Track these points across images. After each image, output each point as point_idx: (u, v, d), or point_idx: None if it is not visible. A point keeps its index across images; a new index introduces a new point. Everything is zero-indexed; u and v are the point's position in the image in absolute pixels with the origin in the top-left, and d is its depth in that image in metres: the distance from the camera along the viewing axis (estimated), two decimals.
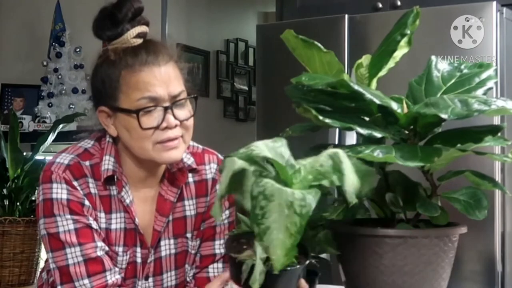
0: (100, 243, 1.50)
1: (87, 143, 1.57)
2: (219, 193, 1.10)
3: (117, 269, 1.53)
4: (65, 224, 1.48)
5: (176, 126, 1.48)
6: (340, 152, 1.10)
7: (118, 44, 1.50)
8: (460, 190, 1.31)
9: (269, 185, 1.04)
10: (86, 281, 1.48)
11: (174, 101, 1.48)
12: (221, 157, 1.70)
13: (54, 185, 1.49)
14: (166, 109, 1.47)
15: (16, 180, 3.50)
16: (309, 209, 1.02)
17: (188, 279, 1.66)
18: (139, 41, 1.50)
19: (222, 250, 1.66)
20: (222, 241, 1.66)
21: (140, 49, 1.49)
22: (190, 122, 1.52)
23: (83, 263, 1.48)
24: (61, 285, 1.49)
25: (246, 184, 1.09)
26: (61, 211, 1.48)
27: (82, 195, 1.50)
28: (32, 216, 3.50)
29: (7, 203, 3.51)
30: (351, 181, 1.07)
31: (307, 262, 1.20)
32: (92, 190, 1.52)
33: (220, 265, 1.66)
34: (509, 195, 2.20)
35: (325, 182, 1.07)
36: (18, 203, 3.51)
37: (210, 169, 1.66)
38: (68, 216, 1.48)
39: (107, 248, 1.52)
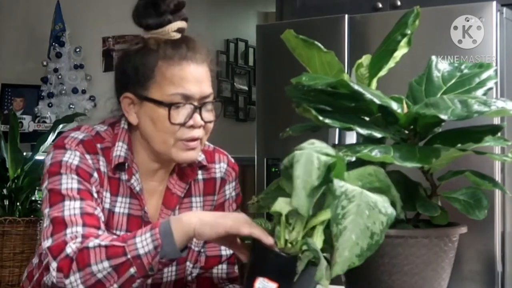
0: (98, 209, 1.48)
1: (100, 127, 1.56)
2: (309, 185, 1.07)
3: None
4: (69, 182, 1.46)
5: (200, 126, 1.48)
6: (382, 171, 1.14)
7: (157, 35, 1.49)
8: (460, 190, 1.31)
9: (348, 185, 1.07)
10: (79, 228, 1.41)
11: (204, 102, 1.49)
12: (231, 158, 1.70)
13: (68, 152, 1.48)
14: (195, 108, 1.47)
15: (16, 180, 3.50)
16: (392, 211, 1.07)
17: (189, 279, 1.65)
18: (178, 35, 1.50)
19: (228, 252, 1.64)
20: None
21: (180, 43, 1.48)
22: (211, 125, 1.53)
23: (80, 215, 1.42)
24: (51, 236, 1.41)
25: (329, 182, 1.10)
26: (68, 171, 1.46)
27: (93, 167, 1.49)
28: (32, 216, 3.50)
29: (7, 203, 3.51)
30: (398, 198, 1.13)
31: None
32: (102, 168, 1.51)
33: (224, 266, 1.65)
34: (509, 195, 2.20)
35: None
36: (18, 203, 3.51)
37: (220, 168, 1.66)
38: (74, 176, 1.46)
39: (103, 218, 1.49)
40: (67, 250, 1.37)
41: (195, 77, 1.47)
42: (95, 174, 1.49)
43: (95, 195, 1.49)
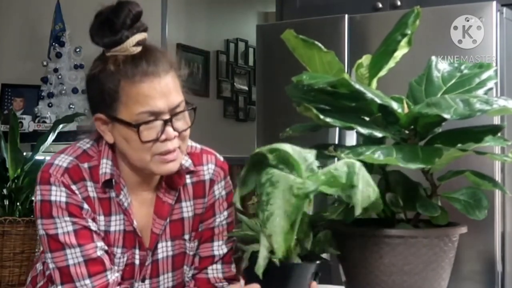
0: (100, 243, 1.50)
1: (86, 144, 1.56)
2: (239, 178, 1.13)
3: (116, 267, 1.53)
4: (64, 226, 1.47)
5: (174, 137, 1.46)
6: (358, 164, 1.11)
7: (116, 52, 1.45)
8: (460, 190, 1.31)
9: (277, 172, 1.08)
10: (87, 281, 1.47)
11: (174, 113, 1.46)
12: (219, 156, 1.69)
13: (53, 188, 1.48)
14: (165, 122, 1.45)
15: (16, 180, 3.49)
16: (306, 191, 1.05)
17: (186, 279, 1.65)
18: (139, 49, 1.46)
19: (221, 252, 1.65)
20: (221, 242, 1.65)
21: (140, 59, 1.44)
22: (187, 132, 1.50)
23: (84, 263, 1.47)
24: (62, 284, 1.48)
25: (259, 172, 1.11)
26: (60, 213, 1.47)
27: (81, 198, 1.49)
28: (32, 216, 3.49)
29: (7, 203, 3.51)
30: (362, 195, 1.09)
31: (317, 263, 1.21)
32: (91, 194, 1.51)
33: (219, 266, 1.65)
34: (509, 195, 2.20)
35: (335, 190, 1.09)
36: (18, 203, 3.50)
37: (208, 170, 1.65)
38: (67, 218, 1.47)
39: (106, 247, 1.52)
40: None
41: (160, 91, 1.43)
42: (85, 206, 1.49)
43: (92, 225, 1.50)
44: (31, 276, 1.70)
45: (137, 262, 1.56)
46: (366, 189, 1.09)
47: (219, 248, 1.64)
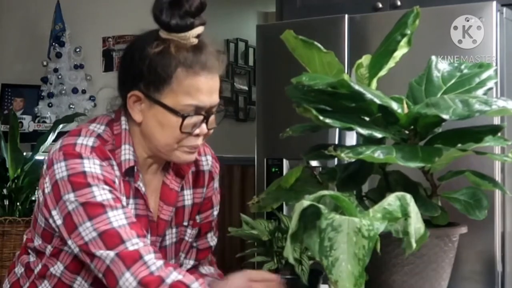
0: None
1: (98, 128, 1.52)
2: (290, 232, 1.11)
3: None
4: (103, 193, 1.42)
5: (204, 134, 1.50)
6: (408, 196, 1.12)
7: (176, 38, 1.45)
8: (460, 190, 1.31)
9: (337, 216, 1.06)
10: (137, 240, 1.40)
11: (211, 112, 1.49)
12: (212, 151, 1.73)
13: (85, 160, 1.43)
14: (204, 118, 1.47)
15: (16, 180, 3.50)
16: (377, 232, 1.04)
17: (185, 268, 1.66)
18: (196, 41, 1.47)
19: (214, 242, 1.72)
20: (212, 233, 1.72)
21: (200, 51, 1.46)
22: (212, 131, 1.53)
23: (128, 226, 1.41)
24: (110, 250, 1.38)
25: (314, 221, 1.09)
26: (97, 181, 1.42)
27: (113, 173, 1.47)
28: (32, 216, 3.50)
29: (7, 203, 3.51)
30: (415, 226, 1.09)
31: None
32: (117, 173, 1.49)
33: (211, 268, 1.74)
34: (509, 195, 2.20)
35: (391, 225, 1.09)
36: (18, 203, 3.51)
37: (206, 161, 1.69)
38: (105, 186, 1.43)
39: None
40: (152, 268, 1.38)
41: (209, 88, 1.46)
42: (116, 180, 1.48)
43: (124, 201, 1.48)
44: (10, 282, 1.64)
45: None
46: (417, 221, 1.10)
47: (212, 239, 1.72)
